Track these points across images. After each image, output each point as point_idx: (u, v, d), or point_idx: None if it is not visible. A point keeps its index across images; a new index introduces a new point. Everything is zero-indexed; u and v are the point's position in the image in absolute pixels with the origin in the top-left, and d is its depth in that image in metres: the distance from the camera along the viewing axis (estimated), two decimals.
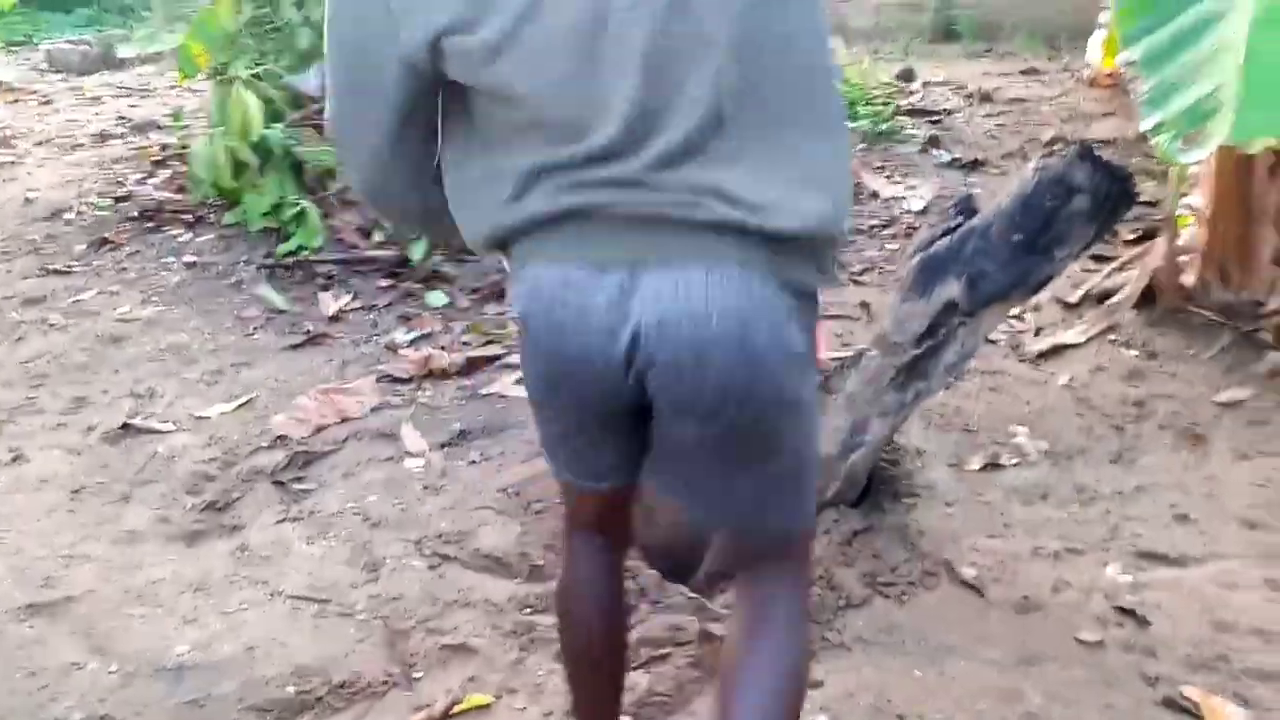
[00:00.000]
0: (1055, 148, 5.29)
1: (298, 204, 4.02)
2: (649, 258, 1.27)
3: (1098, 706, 2.15)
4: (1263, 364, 3.26)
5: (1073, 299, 3.70)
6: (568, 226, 1.30)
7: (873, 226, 4.43)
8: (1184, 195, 3.62)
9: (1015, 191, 2.45)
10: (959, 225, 2.54)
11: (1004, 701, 2.18)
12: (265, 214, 4.07)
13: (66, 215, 4.61)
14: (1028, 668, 2.26)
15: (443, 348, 3.57)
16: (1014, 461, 2.99)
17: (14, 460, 3.02)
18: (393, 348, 3.58)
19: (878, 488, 2.81)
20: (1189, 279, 3.52)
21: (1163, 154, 1.85)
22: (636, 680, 2.22)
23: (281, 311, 3.77)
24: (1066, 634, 2.35)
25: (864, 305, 3.86)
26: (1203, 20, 1.96)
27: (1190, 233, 3.55)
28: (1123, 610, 2.40)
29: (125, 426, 3.15)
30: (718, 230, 1.25)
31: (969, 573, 2.53)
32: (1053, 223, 2.42)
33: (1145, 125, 1.89)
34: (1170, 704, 2.14)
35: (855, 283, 4.05)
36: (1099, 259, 3.86)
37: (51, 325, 3.74)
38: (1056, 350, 3.47)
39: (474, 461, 3.00)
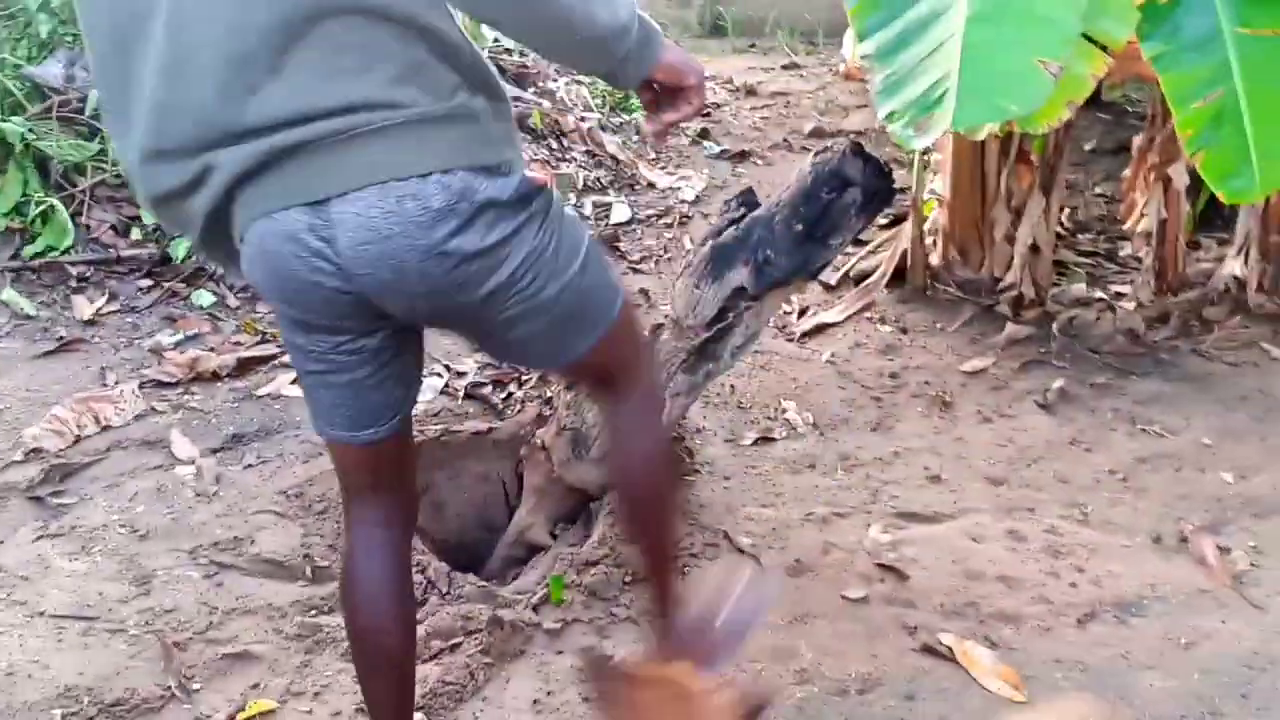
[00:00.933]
0: (817, 139, 5.57)
1: (44, 202, 3.75)
2: None
3: (864, 657, 2.30)
4: (1001, 335, 3.56)
5: (832, 280, 3.91)
6: None
7: (649, 216, 4.53)
8: (929, 181, 3.89)
9: (795, 185, 2.58)
10: (744, 215, 2.65)
11: (779, 659, 2.30)
12: (7, 214, 3.76)
13: None
14: (800, 625, 2.40)
15: (212, 349, 3.42)
16: (784, 434, 3.14)
17: None
18: (157, 351, 3.39)
19: None
20: (935, 259, 3.79)
21: (897, 140, 2.00)
22: (427, 672, 2.21)
23: (30, 317, 3.51)
24: (835, 592, 2.50)
25: (644, 293, 3.95)
26: (927, 16, 2.12)
27: (935, 216, 3.82)
28: (884, 567, 2.57)
29: None
30: None
31: (745, 541, 2.65)
32: (829, 213, 2.57)
33: (880, 114, 2.03)
34: (929, 650, 2.32)
35: (635, 270, 4.14)
36: (856, 242, 4.10)
37: None
38: (819, 329, 3.66)
39: (250, 465, 2.90)
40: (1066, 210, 4.33)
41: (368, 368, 1.54)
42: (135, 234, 3.86)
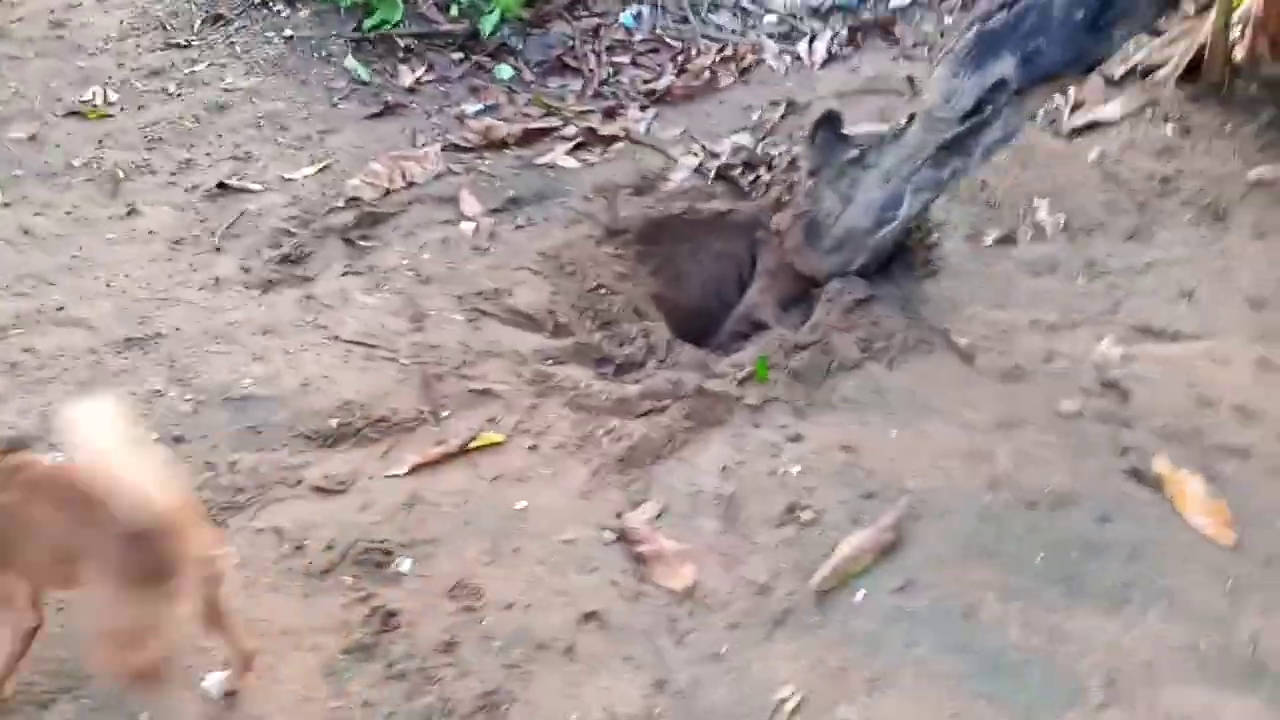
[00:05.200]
0: None
1: None
2: None
3: (1064, 471, 1.96)
4: None
5: (1117, 74, 3.20)
6: None
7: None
8: None
9: None
10: None
11: (973, 462, 2.00)
12: None
13: None
14: (1004, 432, 2.07)
15: (505, 119, 3.33)
16: (1029, 236, 2.67)
17: (129, 214, 2.98)
18: (460, 118, 3.35)
19: (894, 258, 2.55)
20: (1240, 52, 2.99)
21: None
22: (634, 428, 2.12)
23: (365, 83, 3.55)
24: (1048, 403, 2.13)
25: (910, 80, 3.43)
26: None
27: (1247, 4, 2.98)
28: (1108, 383, 2.16)
29: (223, 186, 3.06)
30: None
31: (962, 341, 2.30)
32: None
33: None
34: (1135, 474, 1.94)
35: (905, 57, 3.59)
36: (1152, 32, 3.31)
37: (169, 94, 3.61)
38: (1092, 126, 3.03)
39: (519, 226, 2.83)
40: None
41: None
42: (454, 10, 3.77)
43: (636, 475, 2.01)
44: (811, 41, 3.61)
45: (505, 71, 3.56)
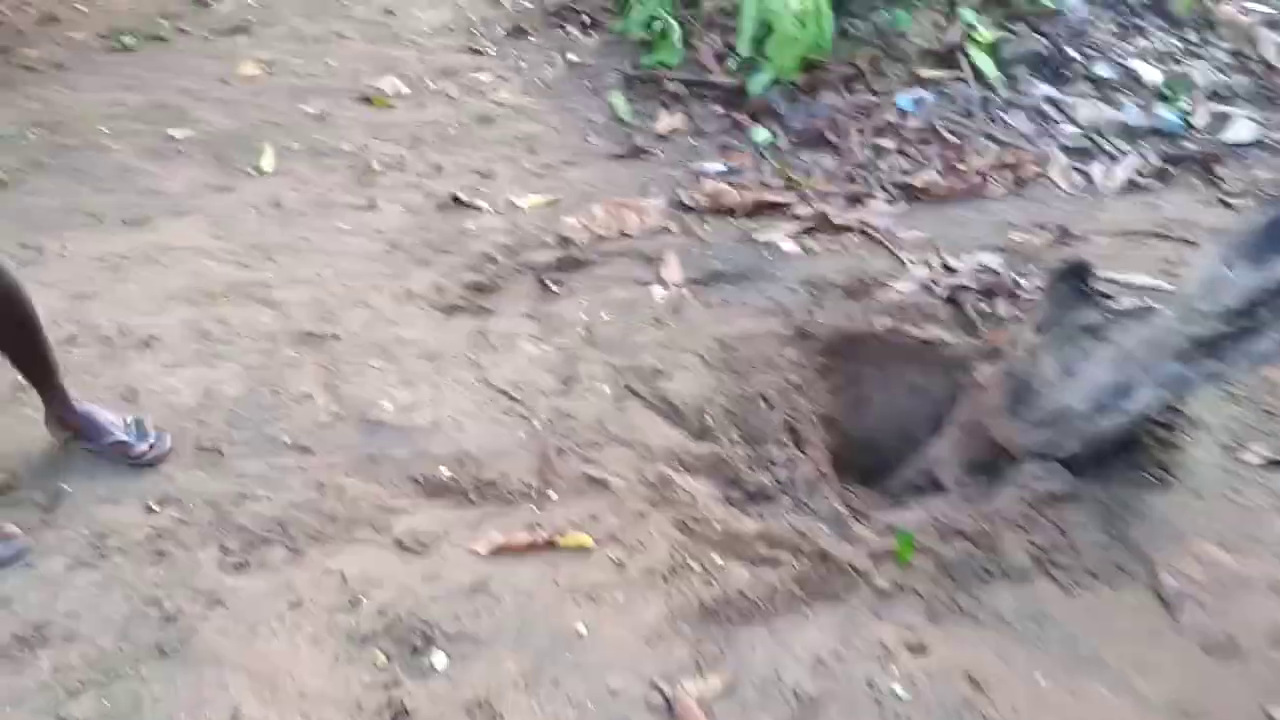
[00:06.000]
0: None
1: (666, 21, 3.63)
2: None
3: None
4: None
5: None
6: None
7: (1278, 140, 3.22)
8: None
9: None
10: None
11: None
12: (641, 26, 3.72)
13: (505, 1, 4.55)
14: None
15: (741, 185, 3.12)
16: None
17: (368, 208, 3.08)
18: (698, 175, 3.18)
19: (1117, 454, 2.08)
20: None
21: None
22: (734, 574, 1.85)
23: (622, 121, 3.48)
24: (1256, 699, 1.62)
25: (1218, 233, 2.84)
26: None
27: None
28: None
29: (455, 199, 3.09)
30: None
31: (1170, 583, 1.81)
32: None
33: None
34: None
35: (1222, 203, 2.99)
36: None
37: (449, 97, 3.74)
38: None
39: (710, 305, 2.62)
40: None
41: None
42: (729, 63, 3.61)
43: (716, 633, 1.74)
44: (1111, 164, 3.10)
45: (761, 134, 3.35)
